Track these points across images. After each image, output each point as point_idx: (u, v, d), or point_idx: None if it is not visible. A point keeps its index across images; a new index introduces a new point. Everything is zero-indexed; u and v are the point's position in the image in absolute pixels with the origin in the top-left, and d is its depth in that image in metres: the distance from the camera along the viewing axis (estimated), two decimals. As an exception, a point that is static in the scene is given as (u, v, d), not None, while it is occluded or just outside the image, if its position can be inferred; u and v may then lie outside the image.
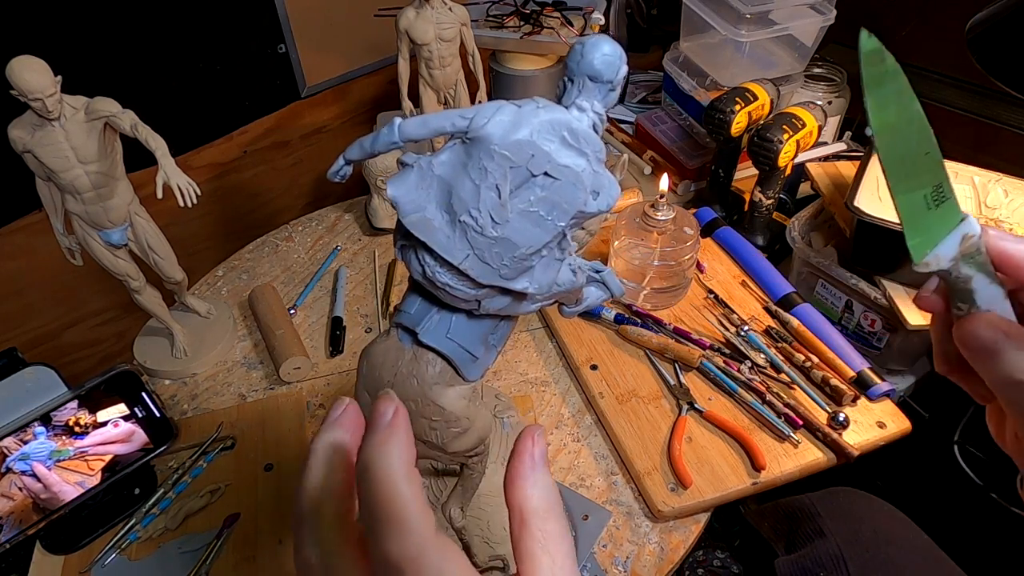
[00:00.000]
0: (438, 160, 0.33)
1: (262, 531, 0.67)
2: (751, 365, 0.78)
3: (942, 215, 0.28)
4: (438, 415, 0.41)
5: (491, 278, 0.34)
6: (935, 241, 0.28)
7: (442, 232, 0.34)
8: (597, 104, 0.35)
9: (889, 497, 0.70)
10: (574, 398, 0.80)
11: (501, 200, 0.32)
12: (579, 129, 0.33)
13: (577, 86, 0.34)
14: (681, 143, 1.14)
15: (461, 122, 0.33)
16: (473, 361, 0.41)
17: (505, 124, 0.32)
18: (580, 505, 0.69)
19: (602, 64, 0.34)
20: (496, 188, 0.32)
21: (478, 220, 0.33)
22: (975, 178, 0.83)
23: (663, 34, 1.42)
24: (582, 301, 0.44)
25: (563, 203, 0.33)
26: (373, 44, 1.20)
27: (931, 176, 0.29)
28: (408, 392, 0.41)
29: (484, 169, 0.32)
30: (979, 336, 0.28)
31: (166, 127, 0.68)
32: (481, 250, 0.33)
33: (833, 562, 0.61)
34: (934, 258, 0.28)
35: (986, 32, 0.77)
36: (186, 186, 0.67)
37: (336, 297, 0.93)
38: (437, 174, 0.33)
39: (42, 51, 0.61)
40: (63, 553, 0.66)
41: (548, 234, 0.34)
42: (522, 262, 0.34)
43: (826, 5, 1.00)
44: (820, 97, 1.11)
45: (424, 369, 0.40)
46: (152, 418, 0.70)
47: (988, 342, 0.28)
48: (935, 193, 0.29)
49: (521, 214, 0.33)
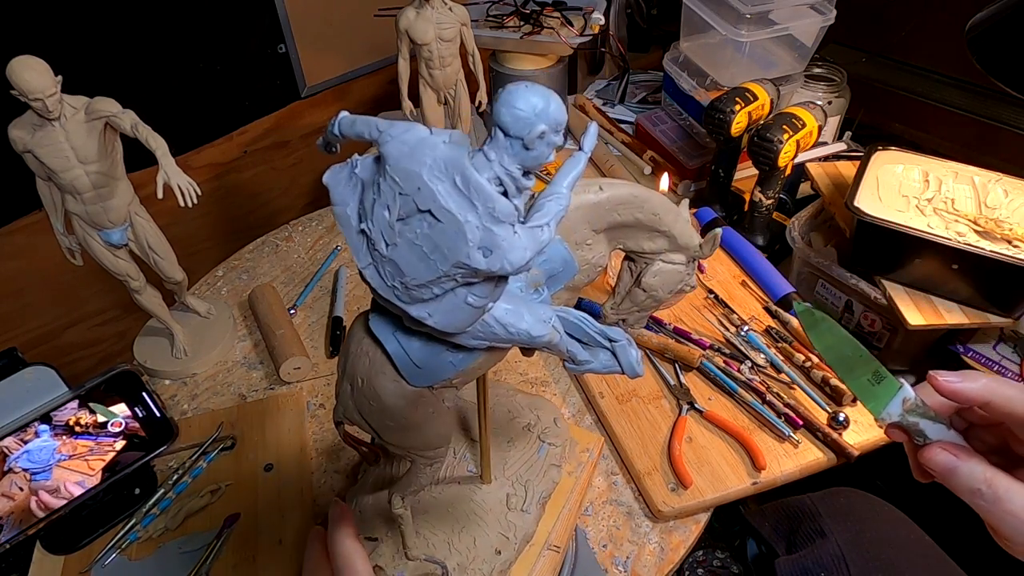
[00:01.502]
0: (363, 163, 0.33)
1: (262, 531, 0.67)
2: (751, 365, 0.78)
3: (884, 387, 0.41)
4: (375, 402, 0.41)
5: (388, 294, 0.34)
6: (884, 404, 0.40)
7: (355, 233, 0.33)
8: (507, 159, 0.31)
9: (889, 497, 0.70)
10: (574, 398, 0.80)
11: (389, 221, 0.31)
12: (472, 179, 0.30)
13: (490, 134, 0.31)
14: (681, 143, 1.14)
15: (375, 133, 0.32)
16: (416, 369, 0.39)
17: (405, 148, 0.30)
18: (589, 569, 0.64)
19: (510, 118, 0.30)
20: (387, 208, 0.31)
21: (371, 233, 0.32)
22: (975, 178, 0.83)
23: (663, 34, 1.42)
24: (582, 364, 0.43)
25: (444, 248, 0.31)
26: (373, 44, 1.20)
27: (867, 367, 0.42)
28: (359, 367, 0.41)
29: (379, 186, 0.31)
30: (937, 461, 0.37)
31: (166, 127, 0.68)
32: (379, 264, 0.33)
33: (834, 562, 0.61)
34: (887, 415, 0.40)
35: (986, 32, 0.77)
36: (186, 186, 0.67)
37: (336, 297, 0.93)
38: (359, 176, 0.33)
39: (42, 51, 0.61)
40: (63, 553, 0.66)
41: (432, 273, 0.32)
42: (412, 291, 0.33)
43: (826, 5, 1.00)
44: (820, 97, 1.11)
45: (373, 353, 0.40)
46: (152, 418, 0.70)
47: (944, 465, 0.37)
48: (874, 376, 0.42)
49: (408, 243, 0.31)
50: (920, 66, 1.21)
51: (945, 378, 0.38)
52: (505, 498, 0.63)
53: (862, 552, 0.62)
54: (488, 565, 0.58)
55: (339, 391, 0.43)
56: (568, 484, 0.67)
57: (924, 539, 0.65)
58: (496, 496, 0.63)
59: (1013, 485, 0.34)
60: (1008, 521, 0.35)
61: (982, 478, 0.35)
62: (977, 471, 0.35)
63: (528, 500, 0.62)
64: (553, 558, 0.62)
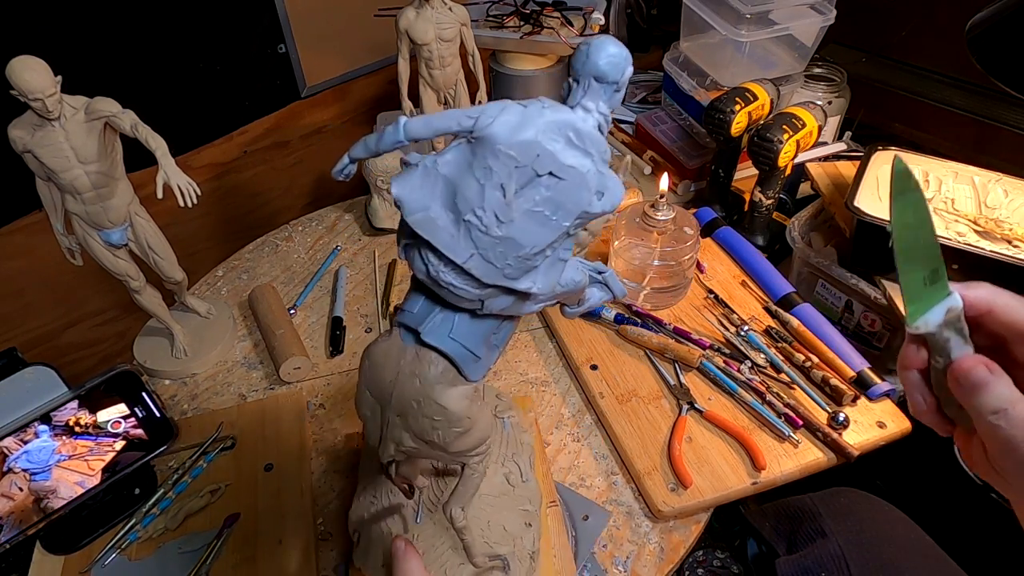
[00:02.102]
0: (443, 159, 0.34)
1: (262, 531, 0.67)
2: (751, 365, 0.78)
3: (934, 291, 0.37)
4: (440, 415, 0.41)
5: (495, 278, 0.34)
6: (926, 309, 0.37)
7: (446, 231, 0.34)
8: (602, 105, 0.34)
9: (889, 497, 0.70)
10: (574, 398, 0.80)
11: (506, 199, 0.32)
12: (584, 130, 0.33)
13: (582, 87, 0.34)
14: (681, 143, 1.14)
15: (466, 122, 0.33)
16: (475, 361, 0.41)
17: (511, 124, 0.32)
18: (580, 505, 0.69)
19: (607, 65, 0.33)
20: (501, 187, 0.32)
21: (483, 219, 0.33)
22: (975, 178, 0.83)
23: (663, 34, 1.42)
24: (584, 302, 0.44)
25: (568, 203, 0.33)
26: (373, 44, 1.20)
27: (932, 262, 0.37)
28: (410, 391, 0.41)
29: (489, 168, 0.32)
30: (975, 374, 0.35)
31: (166, 127, 0.68)
32: (485, 249, 0.34)
33: (835, 562, 0.61)
34: (923, 323, 0.37)
35: (986, 32, 0.77)
36: (186, 186, 0.67)
37: (336, 297, 0.93)
38: (442, 173, 0.33)
39: (42, 51, 0.61)
40: (63, 553, 0.66)
41: (553, 234, 0.34)
42: (526, 262, 0.34)
43: (826, 5, 1.00)
44: (820, 97, 1.11)
45: (426, 369, 0.40)
46: (152, 418, 0.70)
47: (981, 379, 0.35)
48: (932, 275, 0.37)
49: (526, 214, 0.33)
50: (920, 66, 1.21)
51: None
52: (505, 479, 0.63)
53: (863, 552, 0.62)
54: (528, 540, 0.60)
55: (382, 433, 0.43)
56: (537, 444, 0.69)
57: (924, 539, 0.65)
58: (497, 481, 0.64)
59: None
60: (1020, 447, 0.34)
61: (1009, 397, 0.34)
62: (1007, 391, 0.35)
63: (523, 471, 0.64)
64: (556, 512, 0.65)
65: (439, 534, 0.57)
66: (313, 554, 0.65)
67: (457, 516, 0.51)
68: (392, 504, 0.58)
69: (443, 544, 0.57)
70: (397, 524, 0.58)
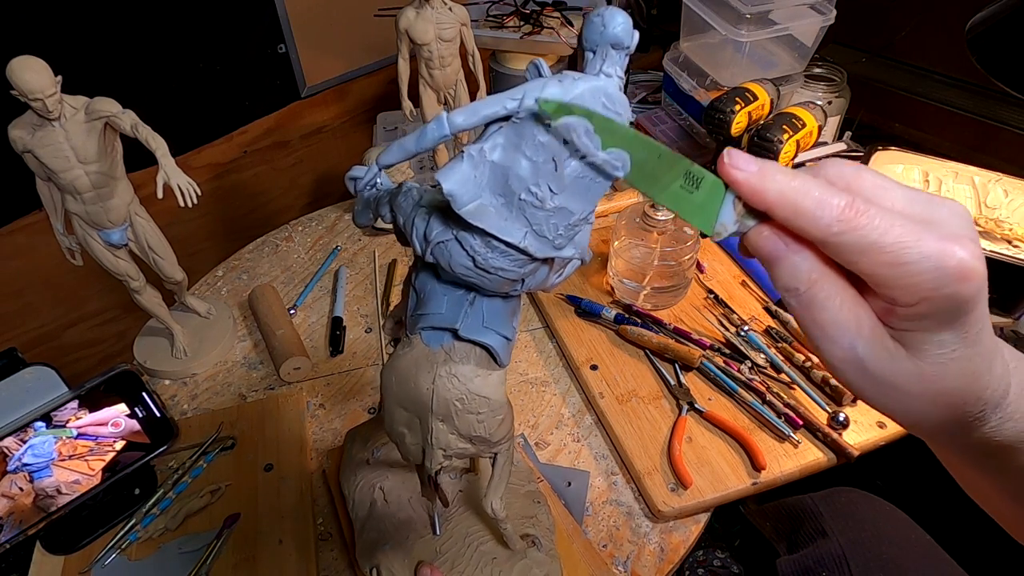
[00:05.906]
0: (490, 146, 0.34)
1: (262, 531, 0.67)
2: (751, 365, 0.78)
3: (707, 192, 0.32)
4: (484, 407, 0.42)
5: (546, 250, 0.36)
6: (714, 214, 0.31)
7: (499, 216, 0.34)
8: (619, 69, 0.36)
9: (889, 497, 0.70)
10: (574, 398, 0.80)
11: (558, 171, 0.33)
12: (614, 94, 0.34)
13: (600, 55, 0.35)
14: (681, 143, 1.14)
15: (512, 103, 0.33)
16: (508, 344, 0.42)
17: (557, 97, 0.33)
18: (560, 474, 0.71)
19: (623, 32, 0.35)
20: (553, 160, 0.33)
21: (538, 195, 0.34)
22: (975, 178, 0.83)
23: (663, 34, 1.42)
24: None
25: None
26: (373, 44, 1.20)
27: (674, 170, 0.32)
28: (451, 394, 0.41)
29: (540, 144, 0.33)
30: (760, 247, 0.30)
31: (166, 127, 0.68)
32: (539, 224, 0.35)
33: (835, 562, 0.62)
34: (721, 226, 0.31)
35: (986, 32, 0.77)
36: (186, 186, 0.67)
37: (336, 297, 0.93)
38: (491, 160, 0.34)
39: (42, 51, 0.61)
40: (63, 553, 0.66)
41: (597, 197, 0.35)
42: (573, 228, 0.36)
43: (826, 5, 1.00)
44: (820, 97, 1.11)
45: (462, 366, 0.41)
46: (152, 418, 0.70)
47: (770, 252, 0.30)
48: (687, 180, 0.32)
49: (574, 181, 0.34)
50: (920, 66, 1.21)
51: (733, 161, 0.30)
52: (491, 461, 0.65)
53: (863, 551, 0.62)
54: (543, 514, 0.62)
55: (424, 446, 0.44)
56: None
57: (925, 538, 0.65)
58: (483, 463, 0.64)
59: (835, 293, 0.29)
60: (813, 332, 0.29)
61: (805, 278, 0.29)
62: (803, 268, 0.29)
63: None
64: (546, 486, 0.69)
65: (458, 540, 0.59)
66: (313, 554, 0.65)
67: (498, 509, 0.52)
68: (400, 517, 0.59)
69: (469, 549, 0.58)
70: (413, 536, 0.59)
